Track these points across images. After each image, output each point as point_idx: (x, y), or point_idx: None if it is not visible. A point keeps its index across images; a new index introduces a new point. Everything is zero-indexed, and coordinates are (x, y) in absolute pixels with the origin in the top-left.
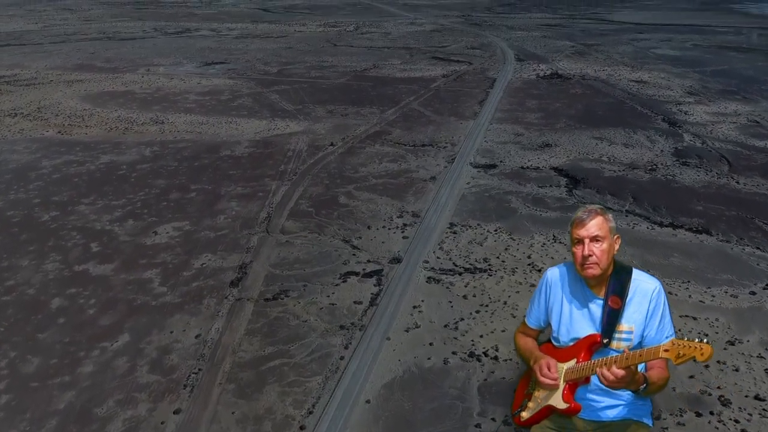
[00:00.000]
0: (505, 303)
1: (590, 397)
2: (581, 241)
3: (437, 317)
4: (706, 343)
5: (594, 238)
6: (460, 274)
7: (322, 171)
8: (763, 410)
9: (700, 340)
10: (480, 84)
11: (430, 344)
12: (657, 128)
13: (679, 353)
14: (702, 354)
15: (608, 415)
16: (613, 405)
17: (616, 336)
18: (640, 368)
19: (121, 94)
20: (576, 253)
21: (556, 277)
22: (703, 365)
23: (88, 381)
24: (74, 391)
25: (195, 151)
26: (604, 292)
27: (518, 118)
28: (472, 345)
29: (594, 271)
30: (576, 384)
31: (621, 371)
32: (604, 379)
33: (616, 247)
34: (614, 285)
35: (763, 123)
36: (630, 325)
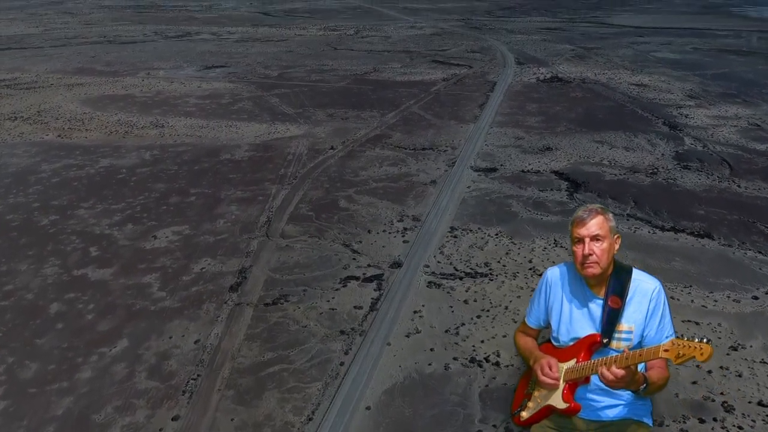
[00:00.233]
0: (507, 308)
1: (590, 396)
2: (582, 240)
3: (438, 322)
4: (706, 343)
5: (594, 238)
6: (461, 279)
7: (323, 175)
8: (767, 416)
9: (700, 340)
10: (480, 87)
11: (431, 350)
12: (658, 132)
13: (679, 353)
14: (702, 354)
15: (608, 414)
16: (613, 405)
17: (616, 336)
18: (640, 368)
19: (122, 97)
20: (576, 252)
21: (556, 277)
22: (706, 371)
23: (86, 387)
24: (72, 397)
25: (195, 155)
26: (604, 291)
27: (519, 122)
28: (473, 350)
29: (594, 270)
30: (576, 384)
31: (621, 371)
32: (604, 379)
33: (617, 246)
34: (614, 285)
35: (764, 126)
36: (630, 325)
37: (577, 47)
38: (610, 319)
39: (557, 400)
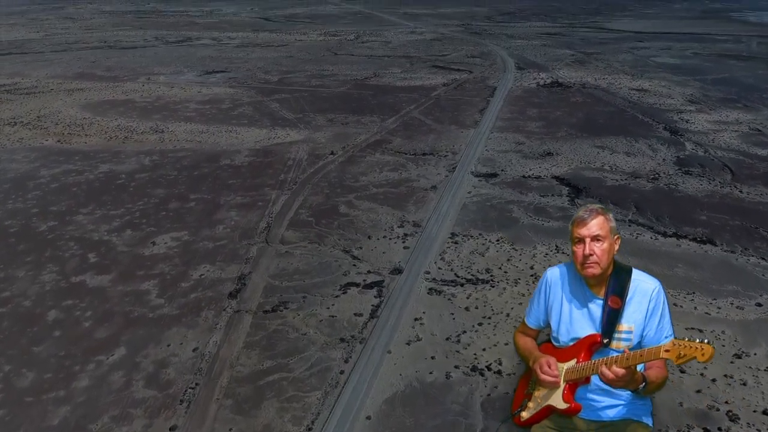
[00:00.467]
0: (508, 315)
1: (590, 396)
2: (582, 240)
3: (439, 330)
4: (707, 344)
5: (595, 238)
6: (462, 286)
7: (323, 180)
8: None
9: (701, 341)
10: (480, 92)
11: (432, 358)
12: (658, 137)
13: (680, 353)
14: (703, 354)
15: (608, 414)
16: (613, 405)
17: (616, 336)
18: (639, 367)
19: (122, 102)
20: (576, 252)
21: (556, 277)
22: (710, 379)
23: (83, 396)
24: (69, 406)
25: (195, 161)
26: (603, 291)
27: (519, 127)
28: (475, 359)
29: (594, 270)
30: (576, 384)
31: (621, 370)
32: (604, 378)
33: (616, 247)
34: (614, 285)
35: (765, 131)
36: (630, 325)
37: (577, 52)
38: (610, 319)
39: (557, 401)
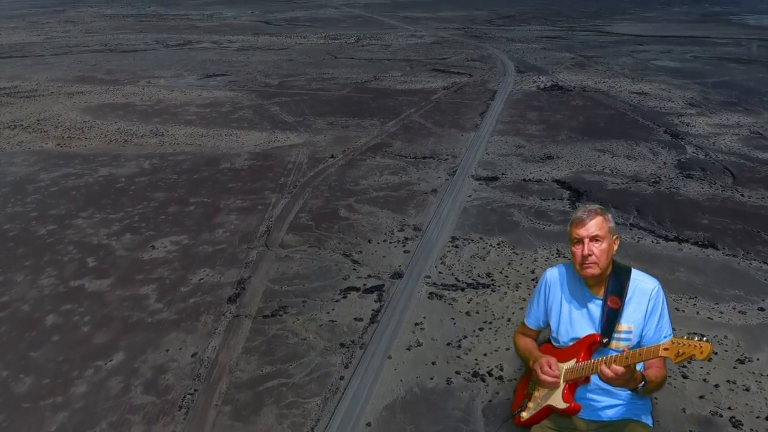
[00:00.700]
0: (509, 320)
1: (590, 396)
2: (581, 241)
3: (440, 335)
4: (705, 341)
5: (594, 238)
6: (463, 290)
7: (323, 184)
8: None
9: (699, 339)
10: (481, 96)
11: (433, 363)
12: (659, 140)
13: (679, 351)
14: (702, 352)
15: (608, 414)
16: (613, 405)
17: (616, 336)
18: (638, 367)
19: (122, 106)
20: (575, 252)
21: (555, 278)
22: (713, 385)
23: (81, 402)
24: (67, 412)
25: (194, 164)
26: (603, 292)
27: (519, 130)
28: (476, 364)
29: (593, 270)
30: (576, 384)
31: (620, 368)
32: (603, 376)
33: (615, 247)
34: (613, 285)
35: (766, 135)
36: (629, 325)
37: (577, 56)
38: (610, 319)
39: (557, 400)
